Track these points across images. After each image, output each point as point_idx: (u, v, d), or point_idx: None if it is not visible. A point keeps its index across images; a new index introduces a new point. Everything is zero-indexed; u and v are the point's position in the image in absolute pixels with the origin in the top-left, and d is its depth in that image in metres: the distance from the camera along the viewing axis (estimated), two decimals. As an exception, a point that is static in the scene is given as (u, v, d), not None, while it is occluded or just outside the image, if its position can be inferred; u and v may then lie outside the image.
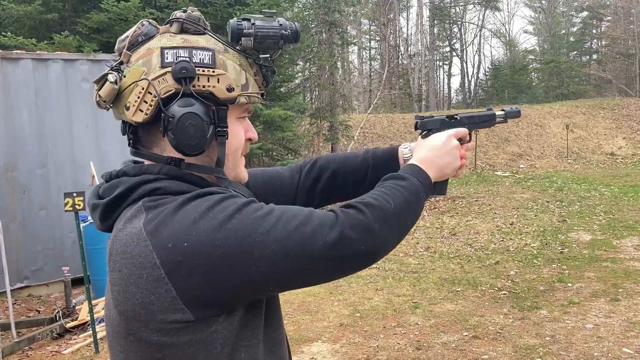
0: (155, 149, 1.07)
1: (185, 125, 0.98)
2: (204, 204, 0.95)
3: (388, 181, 1.14)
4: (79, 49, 9.51)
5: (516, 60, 40.78)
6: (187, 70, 0.99)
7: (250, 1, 10.84)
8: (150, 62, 1.01)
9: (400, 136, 19.51)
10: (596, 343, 4.67)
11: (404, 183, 1.12)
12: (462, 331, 5.10)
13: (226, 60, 1.04)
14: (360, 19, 35.63)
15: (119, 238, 0.98)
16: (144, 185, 1.01)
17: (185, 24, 1.04)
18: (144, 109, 1.00)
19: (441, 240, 8.97)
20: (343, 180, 1.40)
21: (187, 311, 0.92)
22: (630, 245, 7.86)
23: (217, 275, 0.91)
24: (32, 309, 6.44)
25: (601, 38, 35.92)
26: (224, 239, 0.91)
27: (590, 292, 6.01)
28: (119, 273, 0.96)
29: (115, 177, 1.05)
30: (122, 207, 1.02)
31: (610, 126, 21.50)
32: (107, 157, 7.13)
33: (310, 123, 15.81)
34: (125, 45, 1.05)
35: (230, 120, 1.07)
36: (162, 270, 0.91)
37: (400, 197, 1.08)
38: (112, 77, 1.02)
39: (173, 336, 0.93)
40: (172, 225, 0.93)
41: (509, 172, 17.45)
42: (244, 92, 1.06)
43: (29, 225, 6.82)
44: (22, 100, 6.75)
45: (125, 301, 0.95)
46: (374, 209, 1.03)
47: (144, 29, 1.05)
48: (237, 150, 1.11)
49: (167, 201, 0.97)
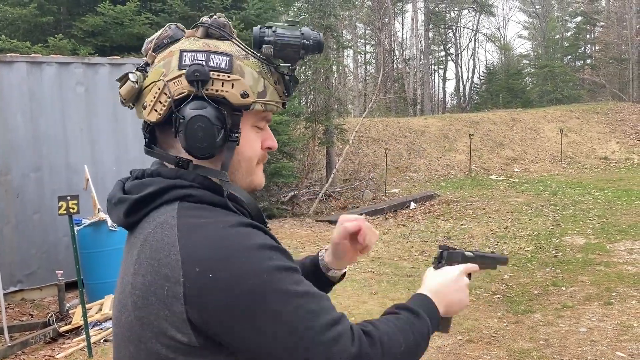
0: (171, 150, 1.08)
1: (195, 128, 0.99)
2: (244, 241, 0.94)
3: (404, 313, 1.11)
4: (74, 52, 9.48)
5: (511, 64, 40.98)
6: (200, 73, 0.99)
7: (245, 5, 10.85)
8: (169, 64, 1.03)
9: (395, 140, 19.55)
10: (590, 347, 4.69)
11: (417, 323, 1.10)
12: (456, 335, 5.10)
13: (244, 67, 1.04)
14: (356, 23, 35.72)
15: (150, 242, 0.97)
16: (177, 189, 1.01)
17: (210, 29, 1.05)
18: (158, 109, 1.02)
19: (436, 244, 8.98)
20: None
21: (193, 337, 0.92)
22: (624, 249, 7.89)
23: (221, 319, 0.91)
24: (25, 313, 6.40)
25: (595, 43, 36.16)
26: (243, 292, 0.91)
27: (584, 295, 6.03)
28: (142, 278, 0.96)
29: (149, 176, 1.05)
30: (150, 207, 1.01)
31: (604, 130, 21.61)
32: (101, 161, 7.11)
33: (305, 127, 15.82)
34: (152, 46, 1.07)
35: (246, 127, 1.07)
36: (182, 289, 0.91)
37: (412, 338, 1.06)
38: (132, 77, 1.04)
39: (180, 355, 0.93)
40: (206, 249, 0.92)
41: (503, 176, 17.50)
42: (260, 100, 1.05)
43: (23, 229, 6.78)
44: (16, 104, 6.72)
45: (143, 307, 0.95)
46: (387, 350, 1.00)
47: (170, 32, 1.07)
48: (252, 159, 1.11)
49: (202, 214, 0.97)
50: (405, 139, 19.63)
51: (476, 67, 45.83)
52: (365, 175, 17.07)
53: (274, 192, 14.01)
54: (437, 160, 18.66)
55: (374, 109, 24.66)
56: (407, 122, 21.60)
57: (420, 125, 20.81)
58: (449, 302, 1.21)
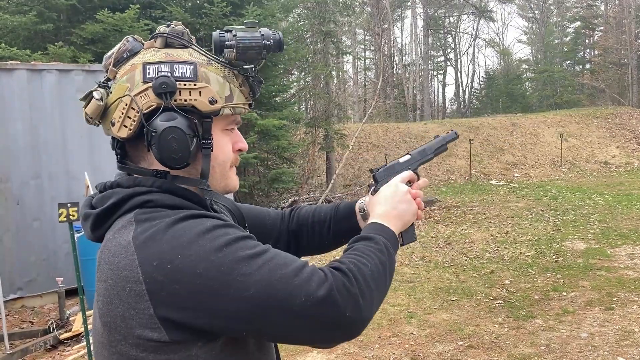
0: (143, 163, 1.08)
1: (168, 139, 0.99)
2: (195, 227, 0.94)
3: (358, 243, 1.12)
4: (74, 59, 9.49)
5: (510, 69, 41.07)
6: (168, 85, 0.99)
7: (245, 12, 10.89)
8: (133, 78, 1.02)
9: (395, 145, 19.55)
10: (591, 352, 4.67)
11: (373, 244, 1.10)
12: (457, 341, 5.09)
13: (209, 73, 1.04)
14: (355, 29, 35.80)
15: (108, 248, 0.98)
16: (137, 197, 1.01)
17: (169, 38, 1.05)
18: (128, 125, 1.02)
19: (436, 249, 8.97)
20: (312, 230, 1.43)
21: (162, 331, 0.91)
22: (625, 254, 7.88)
23: (193, 303, 0.90)
24: (25, 321, 6.39)
25: (594, 48, 36.21)
26: (206, 269, 0.90)
27: (585, 301, 6.02)
28: (104, 283, 0.97)
29: (109, 188, 1.06)
30: (113, 218, 1.02)
31: (604, 135, 21.62)
32: (101, 168, 7.10)
33: (305, 132, 15.84)
34: (111, 62, 1.07)
35: (216, 132, 1.08)
36: (144, 286, 0.91)
37: (375, 258, 1.07)
38: (97, 95, 1.04)
39: (150, 354, 0.93)
40: (160, 243, 0.92)
41: (503, 181, 17.50)
42: (228, 104, 1.06)
43: (23, 236, 6.78)
44: (16, 111, 6.73)
45: (108, 312, 0.95)
46: (359, 275, 1.00)
47: (128, 45, 1.07)
48: (225, 162, 1.11)
49: (158, 215, 0.97)
50: (405, 145, 19.63)
51: (476, 72, 46.18)
52: (365, 181, 17.06)
53: (274, 198, 14.01)
54: (437, 166, 18.66)
55: (373, 114, 24.69)
56: (407, 127, 21.62)
57: (420, 131, 20.83)
58: (397, 217, 1.22)
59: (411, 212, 1.25)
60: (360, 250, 1.08)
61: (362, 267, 1.02)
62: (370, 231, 1.16)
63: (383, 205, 1.24)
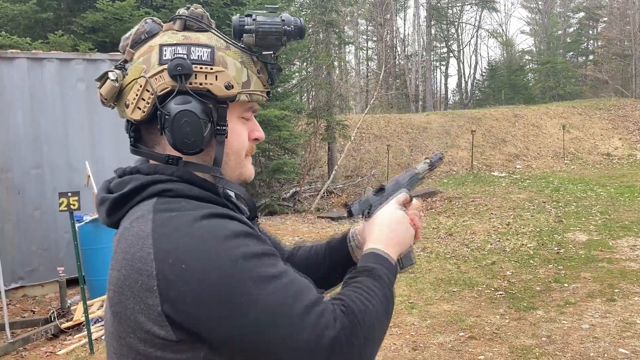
0: (157, 148, 1.05)
1: (181, 123, 0.97)
2: (216, 231, 0.92)
3: (362, 277, 1.06)
4: (75, 48, 9.47)
5: (513, 60, 40.89)
6: (183, 67, 0.97)
7: (246, 0, 10.82)
8: (149, 60, 1.00)
9: (397, 136, 19.52)
10: (592, 343, 4.67)
11: (376, 279, 1.05)
12: (458, 331, 5.09)
13: (226, 57, 1.02)
14: (357, 19, 35.61)
15: (125, 237, 0.96)
16: (156, 184, 0.99)
17: (188, 21, 1.03)
18: (142, 107, 0.99)
19: (437, 240, 8.97)
20: (310, 264, 1.36)
21: (169, 330, 0.89)
22: (626, 246, 7.86)
23: (193, 308, 0.88)
24: (26, 310, 6.40)
25: (597, 39, 36.04)
26: (216, 279, 0.88)
27: (587, 292, 6.01)
28: (117, 272, 0.95)
29: (128, 174, 1.04)
30: (130, 204, 1.00)
31: (607, 127, 21.55)
32: (102, 158, 7.09)
33: (307, 123, 15.81)
34: (129, 43, 1.04)
35: (232, 119, 1.05)
36: (155, 282, 0.89)
37: (380, 295, 1.03)
38: (112, 75, 1.01)
39: (158, 350, 0.91)
40: (178, 241, 0.90)
41: (505, 172, 17.47)
42: (245, 90, 1.03)
43: (24, 226, 6.78)
44: (17, 100, 6.71)
45: (119, 302, 0.94)
46: (366, 318, 0.97)
47: (147, 27, 1.04)
48: (240, 150, 1.09)
49: (178, 207, 0.95)
50: (407, 136, 19.60)
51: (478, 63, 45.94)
52: (367, 172, 17.05)
53: (275, 189, 14.01)
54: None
55: (375, 105, 24.64)
56: (409, 118, 21.56)
57: (422, 122, 20.78)
58: (396, 242, 1.17)
59: (410, 235, 1.21)
60: (364, 285, 1.04)
61: (370, 306, 0.99)
62: (369, 260, 1.10)
63: (380, 230, 1.18)
